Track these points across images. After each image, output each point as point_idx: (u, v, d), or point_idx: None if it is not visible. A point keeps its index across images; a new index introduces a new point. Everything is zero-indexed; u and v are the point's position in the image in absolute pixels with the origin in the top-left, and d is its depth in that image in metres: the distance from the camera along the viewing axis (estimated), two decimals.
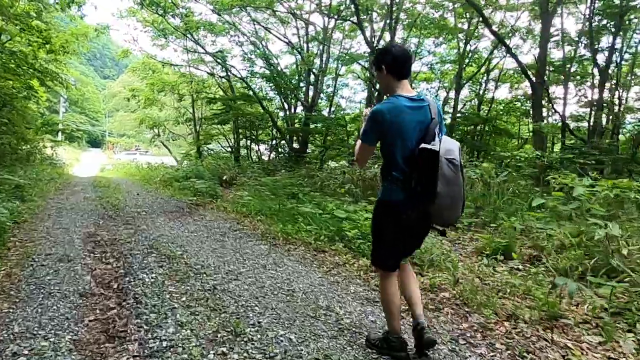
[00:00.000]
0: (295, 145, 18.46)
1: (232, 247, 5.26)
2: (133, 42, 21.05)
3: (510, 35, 17.46)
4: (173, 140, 29.65)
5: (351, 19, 14.28)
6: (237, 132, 20.93)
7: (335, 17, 15.14)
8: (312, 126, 17.15)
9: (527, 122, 18.21)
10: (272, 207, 7.50)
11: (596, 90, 11.84)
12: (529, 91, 19.07)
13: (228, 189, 12.20)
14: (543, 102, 12.51)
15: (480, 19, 17.45)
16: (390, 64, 2.46)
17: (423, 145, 2.29)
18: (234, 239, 5.73)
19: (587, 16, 11.52)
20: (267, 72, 17.87)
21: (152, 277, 3.99)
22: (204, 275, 4.09)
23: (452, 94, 19.82)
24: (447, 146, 2.31)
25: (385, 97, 2.53)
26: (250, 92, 18.02)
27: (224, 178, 13.40)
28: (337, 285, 3.98)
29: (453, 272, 4.05)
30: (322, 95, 18.89)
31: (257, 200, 8.44)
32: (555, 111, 13.04)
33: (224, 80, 21.88)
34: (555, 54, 14.51)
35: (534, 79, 11.42)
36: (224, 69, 20.88)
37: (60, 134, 29.75)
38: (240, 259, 4.71)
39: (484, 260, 4.57)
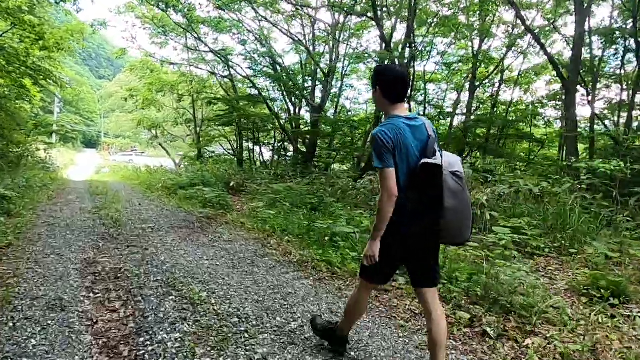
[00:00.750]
0: (301, 148, 17.43)
1: (267, 284, 4.17)
2: (131, 40, 19.79)
3: (523, 34, 16.53)
4: (172, 141, 28.44)
5: (368, 14, 13.22)
6: (239, 134, 19.82)
7: (350, 12, 14.07)
8: (324, 128, 16.09)
9: (545, 124, 17.19)
10: (299, 224, 6.42)
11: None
12: (540, 92, 18.44)
13: (236, 197, 11.12)
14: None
15: (493, 16, 16.66)
16: (385, 86, 2.37)
17: (425, 160, 2.23)
18: (265, 270, 4.63)
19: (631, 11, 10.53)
20: (272, 71, 16.79)
21: (175, 339, 2.90)
22: (246, 335, 3.00)
23: (463, 96, 18.94)
24: (450, 160, 2.25)
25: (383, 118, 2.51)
26: (255, 92, 16.97)
27: (231, 184, 12.30)
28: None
29: (582, 333, 2.99)
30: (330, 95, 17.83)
31: (278, 213, 7.35)
32: (596, 115, 12.03)
33: (226, 80, 20.80)
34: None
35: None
36: (226, 68, 19.79)
37: (54, 135, 28.47)
38: (285, 305, 3.63)
39: (596, 306, 3.52)
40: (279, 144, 19.14)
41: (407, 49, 13.38)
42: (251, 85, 18.42)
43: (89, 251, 5.14)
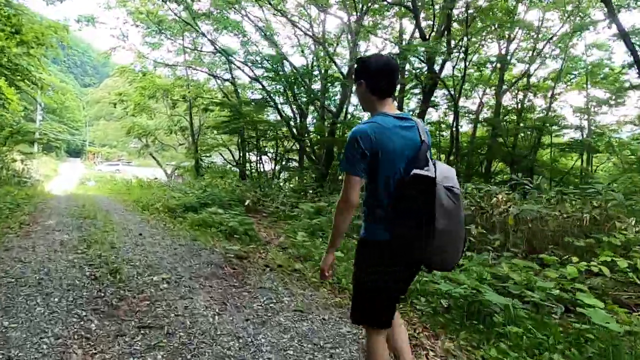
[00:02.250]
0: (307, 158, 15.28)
1: None
2: (122, 39, 17.43)
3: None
4: (164, 150, 26.01)
5: (406, 2, 11.21)
6: (242, 143, 17.57)
7: (387, 1, 12.02)
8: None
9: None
10: None
11: None
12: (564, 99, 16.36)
13: (255, 218, 8.90)
14: None
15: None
16: (371, 79, 1.98)
17: (416, 171, 1.83)
18: None
19: None
20: (272, 73, 14.62)
21: None
22: None
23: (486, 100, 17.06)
24: (444, 172, 1.85)
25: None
26: (258, 97, 14.85)
27: (246, 203, 10.08)
28: None
29: None
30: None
31: (339, 251, 5.17)
32: None
33: (226, 84, 18.58)
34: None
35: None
36: (228, 70, 17.58)
37: (36, 144, 25.79)
38: None
39: None
40: (282, 154, 16.96)
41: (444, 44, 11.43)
42: (258, 88, 16.30)
43: (73, 345, 2.89)
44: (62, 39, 16.00)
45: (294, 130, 14.70)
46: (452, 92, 12.73)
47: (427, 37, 11.19)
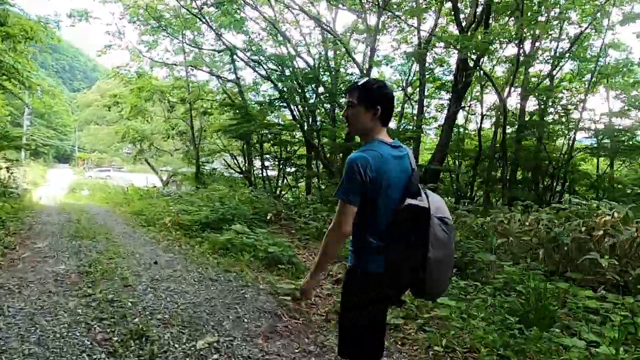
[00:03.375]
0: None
1: None
2: (118, 36, 15.94)
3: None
4: (159, 156, 24.40)
5: None
6: (248, 147, 16.15)
7: None
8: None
9: None
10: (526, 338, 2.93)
11: None
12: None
13: (284, 236, 7.54)
14: None
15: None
16: (385, 108, 1.92)
17: (410, 201, 1.77)
18: None
19: None
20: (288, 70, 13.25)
21: None
22: None
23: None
24: (436, 203, 1.83)
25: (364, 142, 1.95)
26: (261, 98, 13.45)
27: (269, 217, 8.70)
28: None
29: None
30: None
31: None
32: None
33: (229, 85, 17.17)
34: None
35: None
36: (232, 70, 16.17)
37: (23, 150, 24.02)
38: None
39: None
40: (289, 159, 15.56)
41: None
42: (263, 90, 14.98)
43: None
44: (52, 36, 14.50)
45: (307, 133, 13.33)
46: (498, 91, 11.31)
47: (465, 29, 9.94)
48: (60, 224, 8.73)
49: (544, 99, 15.10)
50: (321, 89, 13.65)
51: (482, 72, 11.46)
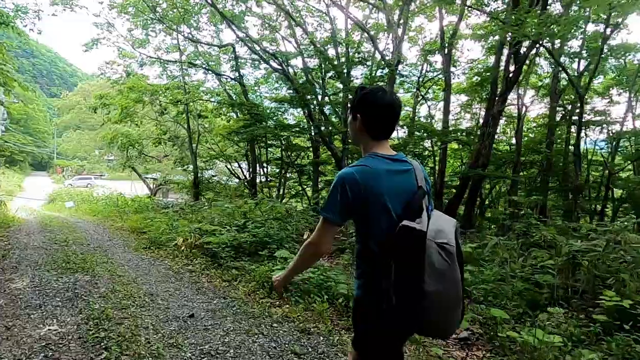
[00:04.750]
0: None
1: None
2: (107, 28, 14.00)
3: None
4: (149, 163, 22.36)
5: None
6: (253, 153, 14.42)
7: None
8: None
9: None
10: None
11: None
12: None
13: (329, 262, 5.88)
14: None
15: None
16: (370, 117, 1.67)
17: (405, 223, 1.51)
18: None
19: None
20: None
21: None
22: None
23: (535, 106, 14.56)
24: (438, 225, 1.54)
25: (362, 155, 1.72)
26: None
27: (304, 237, 7.01)
28: None
29: None
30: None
31: None
32: None
33: (232, 83, 15.41)
34: None
35: None
36: (234, 68, 14.41)
37: None
38: None
39: None
40: (301, 165, 13.89)
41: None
42: (263, 92, 13.24)
43: None
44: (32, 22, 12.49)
45: (325, 136, 11.68)
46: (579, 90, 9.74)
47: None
48: (44, 249, 6.84)
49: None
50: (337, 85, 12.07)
51: (556, 63, 9.91)
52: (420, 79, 15.30)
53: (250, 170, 14.59)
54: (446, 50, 12.85)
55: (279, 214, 7.16)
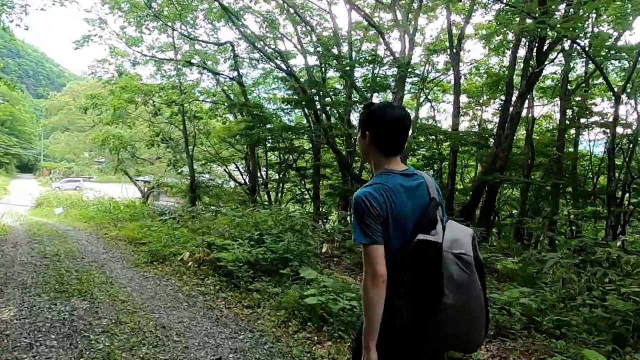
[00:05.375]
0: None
1: None
2: (99, 25, 13.19)
3: None
4: (141, 166, 21.50)
5: None
6: (253, 156, 13.71)
7: None
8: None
9: None
10: None
11: None
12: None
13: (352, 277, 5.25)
14: None
15: None
16: (379, 134, 1.64)
17: (420, 236, 1.48)
18: None
19: None
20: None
21: None
22: None
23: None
24: (454, 235, 1.51)
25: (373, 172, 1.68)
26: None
27: (324, 250, 6.37)
28: None
29: None
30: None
31: None
32: None
33: (230, 83, 14.71)
34: None
35: None
36: (234, 68, 13.70)
37: None
38: None
39: None
40: (304, 169, 13.22)
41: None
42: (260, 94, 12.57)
43: None
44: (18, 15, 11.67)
45: (331, 138, 11.05)
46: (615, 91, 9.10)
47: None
48: (33, 264, 6.08)
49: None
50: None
51: (589, 60, 9.32)
52: (424, 80, 14.75)
53: (250, 174, 13.87)
54: (455, 49, 12.26)
55: (296, 224, 6.47)
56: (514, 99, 9.76)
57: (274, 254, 5.18)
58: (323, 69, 11.05)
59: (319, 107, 10.35)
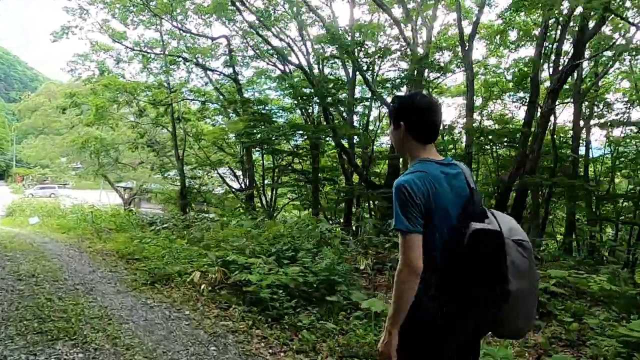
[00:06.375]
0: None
1: None
2: (80, 15, 11.85)
3: None
4: (123, 171, 20.02)
5: None
6: (249, 159, 12.58)
7: None
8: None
9: None
10: None
11: None
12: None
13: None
14: None
15: None
16: (415, 122, 1.59)
17: (476, 225, 1.40)
18: None
19: None
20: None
21: None
22: None
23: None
24: (508, 223, 1.47)
25: (409, 164, 1.60)
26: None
27: (361, 268, 5.33)
28: None
29: None
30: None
31: None
32: None
33: (222, 82, 13.56)
34: None
35: None
36: (229, 65, 12.57)
37: None
38: None
39: None
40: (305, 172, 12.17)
41: None
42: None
43: None
44: None
45: (340, 139, 10.03)
46: None
47: None
48: (4, 290, 4.82)
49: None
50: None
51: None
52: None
53: (247, 179, 12.72)
54: (467, 45, 11.43)
55: (329, 237, 5.38)
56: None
57: (315, 276, 4.08)
58: (322, 66, 10.00)
59: (329, 101, 9.32)
